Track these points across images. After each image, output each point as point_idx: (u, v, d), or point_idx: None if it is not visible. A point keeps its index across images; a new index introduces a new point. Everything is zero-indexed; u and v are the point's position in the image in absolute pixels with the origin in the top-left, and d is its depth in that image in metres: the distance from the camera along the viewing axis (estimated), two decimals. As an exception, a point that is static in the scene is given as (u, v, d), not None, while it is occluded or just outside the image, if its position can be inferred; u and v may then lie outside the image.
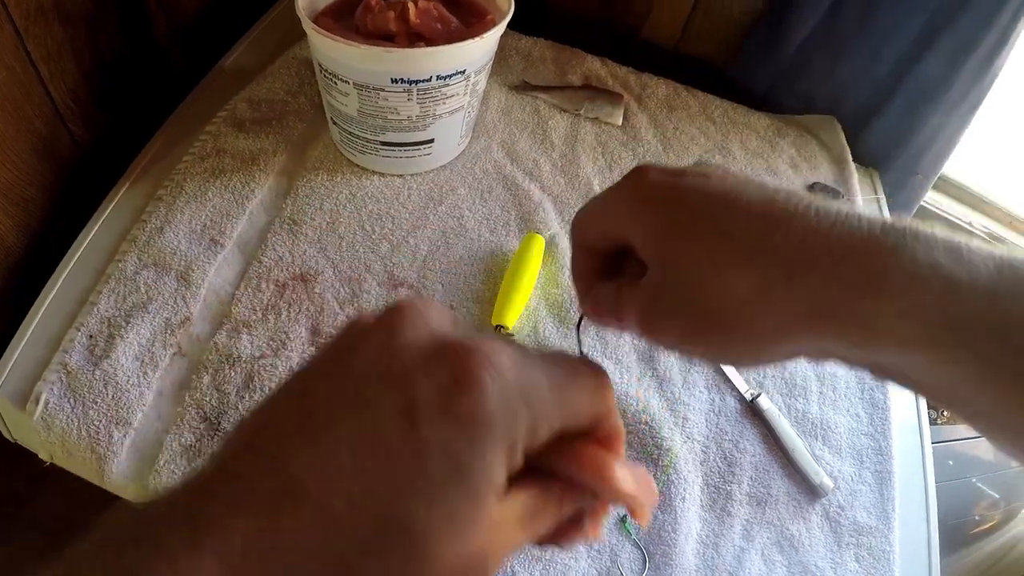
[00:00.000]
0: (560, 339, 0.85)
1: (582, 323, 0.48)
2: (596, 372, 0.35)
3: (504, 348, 0.30)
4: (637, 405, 0.81)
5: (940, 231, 0.33)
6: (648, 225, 0.38)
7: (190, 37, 1.13)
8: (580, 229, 0.44)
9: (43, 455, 0.75)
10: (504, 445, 0.29)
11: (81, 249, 0.86)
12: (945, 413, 1.44)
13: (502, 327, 0.82)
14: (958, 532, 1.39)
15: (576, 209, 0.90)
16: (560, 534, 0.35)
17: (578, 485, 0.33)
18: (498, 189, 1.00)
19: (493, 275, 0.90)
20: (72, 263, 0.85)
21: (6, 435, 0.78)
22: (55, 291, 0.82)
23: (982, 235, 1.50)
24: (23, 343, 0.78)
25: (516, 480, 0.30)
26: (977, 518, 1.41)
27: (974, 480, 1.43)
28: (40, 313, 0.80)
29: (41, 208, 0.91)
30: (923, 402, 0.92)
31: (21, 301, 0.81)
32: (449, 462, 0.27)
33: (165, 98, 1.05)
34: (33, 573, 0.25)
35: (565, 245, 0.94)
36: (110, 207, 0.90)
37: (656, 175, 0.39)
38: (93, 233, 0.87)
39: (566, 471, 0.33)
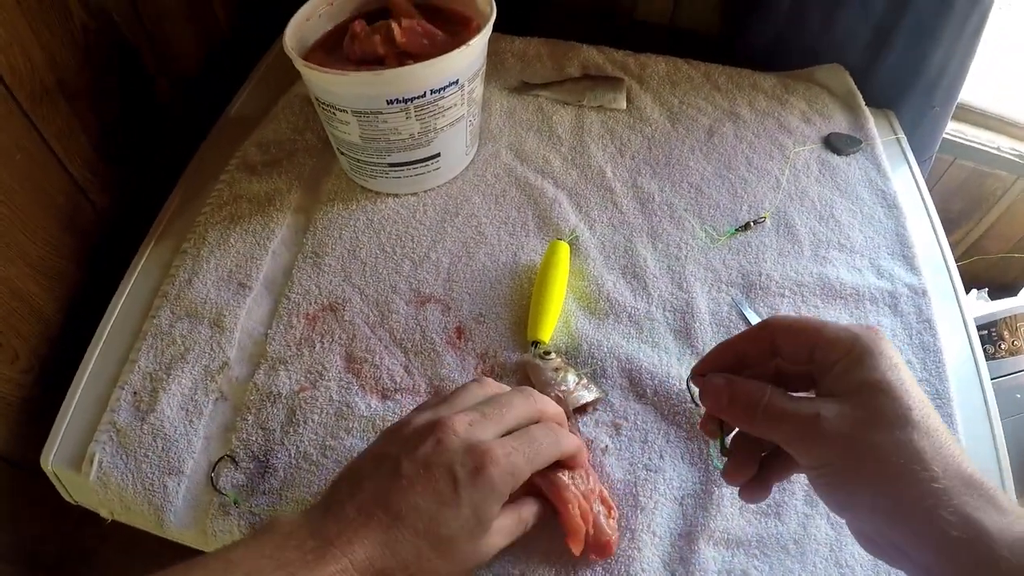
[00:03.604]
0: (593, 330, 0.85)
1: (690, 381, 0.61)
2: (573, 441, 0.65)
3: (502, 445, 0.57)
4: (680, 385, 0.80)
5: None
6: (858, 392, 0.50)
7: (192, 92, 1.16)
8: (786, 329, 0.55)
9: (104, 513, 0.77)
10: (500, 500, 0.56)
11: (116, 311, 0.88)
12: (1003, 346, 1.41)
13: (538, 343, 0.82)
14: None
15: (592, 200, 1.01)
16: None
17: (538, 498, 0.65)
18: (512, 191, 1.00)
19: (518, 278, 0.90)
20: (109, 326, 0.87)
21: (67, 498, 0.80)
22: (96, 355, 0.84)
23: (1010, 157, 1.47)
24: (71, 409, 0.80)
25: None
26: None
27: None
28: (84, 378, 0.82)
29: (72, 278, 0.94)
30: (976, 338, 0.89)
31: (64, 370, 0.84)
32: (472, 508, 0.54)
33: (175, 154, 1.07)
34: None
35: (586, 237, 0.94)
36: (139, 266, 0.92)
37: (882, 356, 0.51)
38: (126, 294, 0.90)
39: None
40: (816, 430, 0.49)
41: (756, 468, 0.59)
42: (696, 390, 0.60)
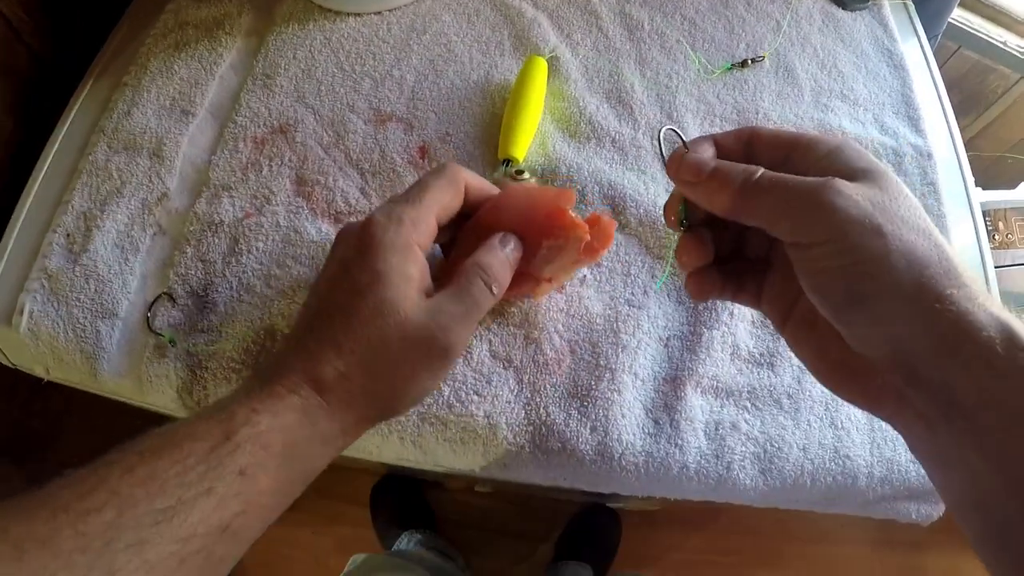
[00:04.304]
0: (572, 153, 0.77)
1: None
2: (443, 167, 0.54)
3: (379, 209, 0.51)
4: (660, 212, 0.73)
5: None
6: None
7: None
8: (765, 133, 0.47)
9: (39, 371, 0.71)
10: (395, 251, 0.49)
11: (51, 154, 0.80)
12: (996, 237, 1.37)
13: (511, 160, 0.73)
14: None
15: (575, 22, 0.89)
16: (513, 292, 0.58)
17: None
18: (486, 11, 0.90)
19: (491, 96, 0.82)
20: (43, 170, 0.79)
21: (4, 361, 0.73)
22: (28, 203, 0.77)
23: (1017, 54, 1.43)
24: (3, 262, 0.73)
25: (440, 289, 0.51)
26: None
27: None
28: (16, 228, 0.75)
29: (6, 129, 0.86)
30: (978, 206, 0.82)
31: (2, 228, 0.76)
32: (368, 272, 0.48)
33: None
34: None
35: (568, 59, 0.85)
36: (76, 106, 0.83)
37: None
38: (62, 136, 0.81)
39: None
40: (824, 197, 0.39)
41: (712, 255, 0.49)
42: (665, 147, 0.49)
